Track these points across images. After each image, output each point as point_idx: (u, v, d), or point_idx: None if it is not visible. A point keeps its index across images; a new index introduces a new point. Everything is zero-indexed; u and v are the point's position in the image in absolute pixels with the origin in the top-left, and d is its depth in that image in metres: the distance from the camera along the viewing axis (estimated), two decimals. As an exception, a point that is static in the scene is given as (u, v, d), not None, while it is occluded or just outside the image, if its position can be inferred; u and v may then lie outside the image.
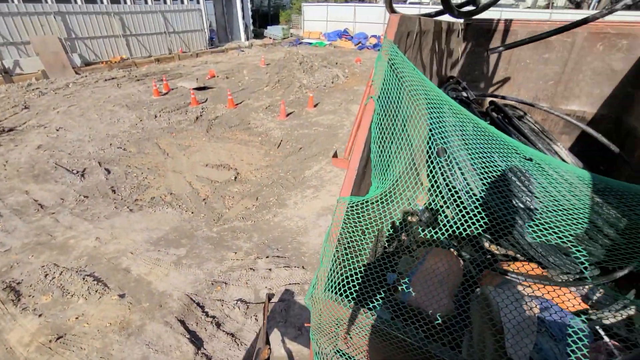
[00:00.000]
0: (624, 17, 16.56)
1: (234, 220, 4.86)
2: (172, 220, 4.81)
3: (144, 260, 4.04)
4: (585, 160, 3.44)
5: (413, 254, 2.77)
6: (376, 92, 1.39)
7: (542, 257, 2.34)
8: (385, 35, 1.47)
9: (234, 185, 5.74)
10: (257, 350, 1.23)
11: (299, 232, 4.63)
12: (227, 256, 4.15)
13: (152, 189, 5.59)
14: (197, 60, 16.60)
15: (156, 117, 8.65)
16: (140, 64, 14.90)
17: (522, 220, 2.25)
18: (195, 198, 5.33)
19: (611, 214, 2.24)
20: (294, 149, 7.20)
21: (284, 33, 23.99)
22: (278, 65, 12.66)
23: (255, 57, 17.38)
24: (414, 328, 2.11)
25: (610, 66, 3.71)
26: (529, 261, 2.38)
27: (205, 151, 6.98)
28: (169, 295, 3.55)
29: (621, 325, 2.02)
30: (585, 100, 3.95)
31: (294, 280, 3.76)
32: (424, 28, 2.36)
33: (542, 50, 3.99)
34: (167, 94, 10.74)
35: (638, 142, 3.27)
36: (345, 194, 1.38)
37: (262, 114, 9.14)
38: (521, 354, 1.49)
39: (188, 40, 17.82)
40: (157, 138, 7.49)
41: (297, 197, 5.46)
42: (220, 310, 3.40)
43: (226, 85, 11.72)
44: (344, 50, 20.13)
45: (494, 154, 2.03)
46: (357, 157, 1.37)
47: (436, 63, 3.22)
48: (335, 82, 12.15)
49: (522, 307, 1.69)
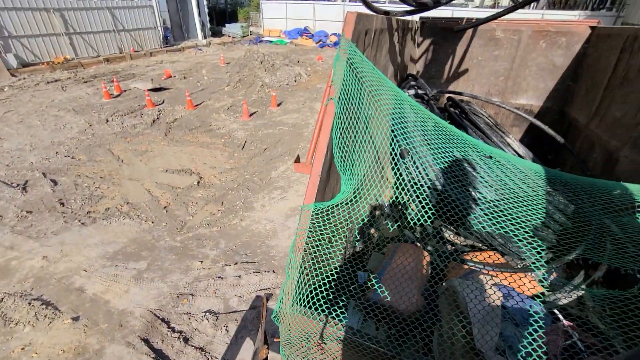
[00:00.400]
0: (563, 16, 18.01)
1: (199, 227, 4.65)
2: (130, 232, 4.51)
3: (99, 277, 3.74)
4: (534, 150, 3.66)
5: (382, 250, 2.80)
6: (336, 93, 1.35)
7: (501, 245, 2.45)
8: (343, 34, 1.45)
9: (197, 191, 5.50)
10: (256, 350, 1.16)
11: (267, 235, 4.53)
12: (193, 266, 3.96)
13: (107, 199, 5.20)
14: (151, 60, 15.74)
15: (108, 122, 8.07)
16: (87, 64, 13.84)
17: (482, 211, 2.34)
18: (155, 206, 5.04)
19: (560, 201, 2.39)
20: (259, 149, 7.05)
21: (243, 31, 23.44)
22: (238, 64, 12.33)
23: (214, 56, 16.82)
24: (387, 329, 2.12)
25: (553, 62, 3.99)
26: (490, 250, 2.49)
27: (164, 156, 6.63)
28: (129, 313, 3.31)
29: (574, 305, 2.17)
30: (532, 94, 4.22)
31: (265, 285, 3.67)
32: (382, 26, 2.37)
33: (492, 48, 4.20)
34: (119, 96, 10.07)
35: (579, 132, 3.54)
36: (309, 201, 1.33)
37: (224, 115, 8.86)
38: (488, 344, 1.54)
39: (140, 38, 16.84)
40: (109, 144, 6.99)
41: (265, 199, 5.35)
42: (188, 324, 3.23)
43: (184, 86, 11.22)
44: (305, 49, 20.06)
45: (454, 149, 2.08)
46: (320, 161, 1.33)
47: (395, 61, 3.27)
48: (297, 80, 12.07)
49: (487, 297, 1.75)
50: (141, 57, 16.09)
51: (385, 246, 2.79)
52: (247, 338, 3.10)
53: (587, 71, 3.70)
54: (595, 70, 3.47)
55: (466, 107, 3.70)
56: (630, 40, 2.90)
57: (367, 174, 1.84)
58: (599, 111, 3.24)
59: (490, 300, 1.78)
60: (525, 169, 2.13)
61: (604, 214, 1.98)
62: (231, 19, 27.56)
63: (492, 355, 1.53)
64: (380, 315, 2.08)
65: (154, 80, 11.61)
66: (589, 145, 3.29)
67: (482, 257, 2.44)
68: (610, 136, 2.96)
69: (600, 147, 3.07)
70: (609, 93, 3.13)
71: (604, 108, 3.17)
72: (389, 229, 2.97)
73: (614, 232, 1.93)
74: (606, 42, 3.37)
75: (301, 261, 1.23)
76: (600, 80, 3.29)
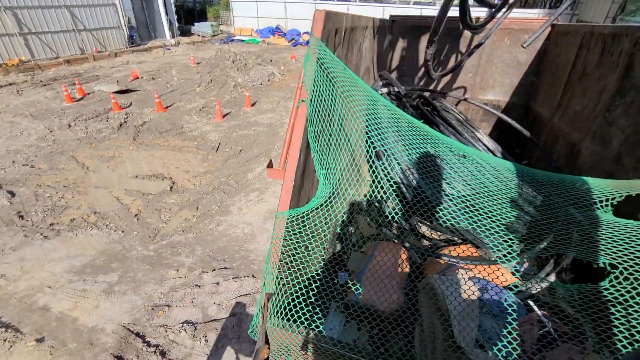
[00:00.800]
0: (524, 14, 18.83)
1: (173, 234, 4.48)
2: (98, 243, 4.27)
3: (66, 293, 3.52)
4: (502, 144, 3.79)
5: (362, 249, 2.80)
6: (307, 95, 1.32)
7: (474, 238, 2.51)
8: (312, 33, 1.41)
9: (170, 196, 5.29)
10: (257, 349, 1.10)
11: (245, 239, 4.43)
12: (168, 275, 3.81)
13: (71, 209, 4.90)
14: (116, 61, 15.03)
15: (70, 127, 7.62)
16: (45, 66, 13.00)
17: (456, 205, 2.39)
18: (125, 215, 4.80)
19: (529, 193, 2.47)
20: (234, 151, 6.89)
21: (213, 30, 22.87)
22: (209, 64, 12.01)
23: (184, 56, 16.30)
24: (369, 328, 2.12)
25: (517, 58, 4.14)
26: (465, 244, 2.54)
27: (133, 161, 6.34)
28: (100, 330, 3.13)
29: (545, 293, 2.25)
30: (499, 90, 4.36)
31: (245, 291, 3.58)
32: (353, 24, 2.35)
33: (460, 45, 4.30)
34: (83, 99, 9.54)
35: (544, 125, 3.69)
36: (283, 208, 1.29)
37: (196, 117, 8.60)
38: (468, 338, 1.56)
39: (103, 38, 16.02)
40: (73, 150, 6.60)
41: (241, 202, 5.23)
42: (164, 336, 3.10)
43: (153, 87, 10.79)
44: (278, 47, 19.87)
45: (428, 147, 2.10)
46: (293, 166, 1.29)
47: (367, 59, 3.27)
48: (271, 79, 11.92)
49: (464, 292, 1.78)
50: (105, 58, 15.33)
51: (365, 245, 2.79)
52: (228, 347, 3.02)
53: (548, 67, 3.86)
54: (556, 66, 3.63)
55: (437, 104, 3.77)
56: (587, 37, 3.05)
57: (344, 174, 1.82)
58: (561, 105, 3.39)
59: (468, 294, 1.81)
60: (495, 165, 2.18)
61: (569, 204, 2.06)
62: (200, 18, 26.81)
63: (472, 349, 1.55)
64: (362, 315, 2.07)
65: (119, 82, 11.09)
66: (553, 138, 3.44)
67: (458, 251, 2.50)
68: (571, 129, 3.11)
69: (564, 139, 3.22)
70: (569, 88, 3.28)
71: (565, 102, 3.33)
72: (368, 227, 2.97)
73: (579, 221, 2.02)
74: (565, 39, 3.53)
75: (277, 272, 1.19)
76: (561, 76, 3.45)
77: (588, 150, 2.77)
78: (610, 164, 2.43)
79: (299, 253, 1.38)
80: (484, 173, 2.20)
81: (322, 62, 1.36)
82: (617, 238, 1.46)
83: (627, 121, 2.35)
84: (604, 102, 2.65)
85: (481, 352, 1.60)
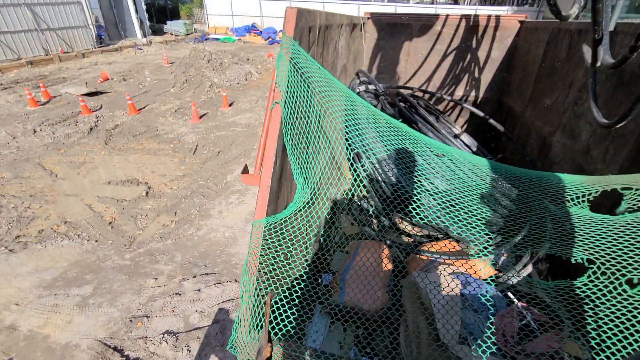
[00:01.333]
0: (493, 11, 19.39)
1: (151, 241, 4.32)
2: (70, 254, 4.06)
3: (35, 310, 3.32)
4: (478, 138, 3.88)
5: (345, 249, 2.78)
6: (281, 96, 1.27)
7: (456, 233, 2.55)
8: (284, 32, 1.36)
9: (146, 202, 5.11)
10: (259, 349, 1.05)
11: (227, 243, 4.33)
12: (146, 284, 3.67)
13: (39, 219, 4.64)
14: (84, 62, 14.36)
15: (36, 132, 7.21)
16: (5, 68, 12.25)
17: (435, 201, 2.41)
18: (98, 223, 4.59)
19: (505, 186, 2.53)
20: (212, 153, 6.73)
21: (186, 28, 22.27)
22: (184, 64, 11.68)
23: (157, 56, 15.79)
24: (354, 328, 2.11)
25: (489, 54, 4.23)
26: (446, 239, 2.57)
27: (106, 166, 6.07)
28: (75, 347, 2.98)
29: (523, 283, 2.31)
30: (473, 85, 4.45)
31: (228, 296, 3.50)
32: (327, 22, 2.32)
33: (435, 42, 4.35)
34: (48, 102, 9.05)
35: (516, 119, 3.80)
36: (260, 216, 1.24)
37: (172, 118, 8.34)
38: (451, 334, 1.57)
39: (69, 38, 15.27)
40: (39, 157, 6.25)
41: (222, 205, 5.11)
42: (144, 349, 2.98)
43: (124, 89, 10.38)
44: (254, 46, 19.59)
45: (406, 145, 2.11)
46: (269, 171, 1.24)
47: (343, 58, 3.26)
48: (248, 79, 11.74)
49: (446, 287, 1.79)
50: (72, 58, 14.62)
51: (347, 244, 2.78)
52: (212, 355, 2.94)
53: (519, 62, 3.98)
54: (526, 62, 3.74)
55: (415, 101, 3.80)
56: (555, 33, 3.15)
57: (324, 174, 1.79)
58: (532, 99, 3.50)
59: (450, 289, 1.82)
60: (473, 164, 2.21)
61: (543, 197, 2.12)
62: (173, 16, 26.04)
63: (456, 345, 1.56)
64: (347, 316, 2.06)
65: (88, 83, 10.61)
66: (526, 132, 3.55)
67: (439, 246, 2.53)
68: (543, 123, 3.21)
69: (536, 133, 3.32)
70: (540, 83, 3.39)
71: (536, 97, 3.43)
72: (351, 226, 2.96)
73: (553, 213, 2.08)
74: (534, 35, 3.64)
75: (256, 283, 1.14)
76: (531, 71, 3.55)
77: (559, 143, 2.86)
78: (580, 156, 2.52)
79: (279, 262, 1.34)
80: (461, 168, 2.22)
81: (295, 62, 1.32)
82: (594, 233, 1.50)
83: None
84: (572, 96, 2.75)
85: (464, 347, 1.62)
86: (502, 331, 1.70)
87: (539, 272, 2.48)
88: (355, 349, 2.05)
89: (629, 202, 1.73)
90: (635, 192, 1.70)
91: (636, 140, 2.04)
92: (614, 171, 2.18)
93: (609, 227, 1.48)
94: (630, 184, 1.72)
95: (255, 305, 1.11)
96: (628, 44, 2.20)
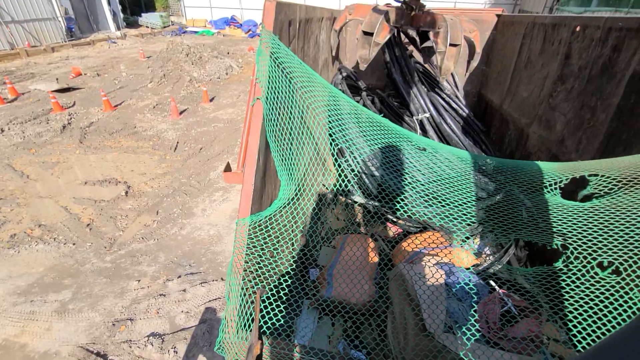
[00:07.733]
0: (471, 5, 19.68)
1: (132, 242, 4.20)
2: (46, 259, 3.90)
3: (10, 318, 3.18)
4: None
5: (331, 243, 2.80)
6: (262, 92, 1.25)
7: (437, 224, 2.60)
8: (263, 25, 1.33)
9: (126, 202, 4.95)
10: (250, 346, 1.04)
11: (212, 241, 4.27)
12: (129, 287, 3.58)
13: (11, 224, 4.43)
14: (54, 56, 13.69)
15: (3, 132, 6.85)
16: (-33, 64, 11.54)
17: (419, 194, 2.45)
18: (75, 225, 4.43)
19: (482, 180, 2.59)
20: (194, 150, 6.58)
21: (163, 21, 21.56)
22: (161, 58, 11.32)
23: (132, 50, 15.23)
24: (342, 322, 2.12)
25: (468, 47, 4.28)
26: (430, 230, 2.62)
27: (82, 166, 5.84)
28: (55, 354, 2.88)
29: (504, 270, 2.39)
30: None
31: (214, 295, 3.46)
32: (307, 16, 2.29)
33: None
34: (16, 100, 8.60)
35: (495, 112, 3.89)
36: (244, 214, 1.22)
37: (150, 115, 8.09)
38: (437, 323, 1.61)
39: (37, 31, 14.50)
40: (8, 158, 5.94)
41: (205, 202, 5.02)
42: (129, 352, 2.91)
43: (99, 84, 9.98)
44: (234, 39, 19.19)
45: (389, 139, 2.12)
46: (252, 169, 1.22)
47: (324, 52, 3.23)
48: (229, 73, 11.51)
49: (431, 278, 1.83)
50: (40, 53, 13.90)
51: (334, 238, 2.79)
52: (200, 355, 2.90)
53: (497, 56, 4.06)
54: (504, 55, 3.82)
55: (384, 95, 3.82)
56: (530, 26, 3.23)
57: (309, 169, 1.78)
58: (510, 92, 3.58)
59: (434, 280, 1.86)
60: (452, 156, 2.25)
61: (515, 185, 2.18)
62: (148, 8, 25.13)
63: (442, 334, 1.60)
64: (336, 310, 2.08)
65: (59, 79, 10.12)
66: (504, 124, 3.64)
67: (423, 237, 2.57)
68: (520, 114, 3.29)
69: (514, 124, 3.41)
70: (517, 75, 3.47)
71: (513, 89, 3.52)
72: (337, 220, 2.97)
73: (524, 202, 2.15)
74: (510, 29, 3.71)
75: (242, 282, 1.12)
76: (509, 64, 3.64)
77: (535, 134, 2.95)
78: (556, 146, 2.61)
79: (266, 259, 1.32)
80: (442, 161, 2.26)
81: (276, 57, 1.29)
82: (567, 220, 1.56)
83: (568, 106, 2.53)
84: (547, 88, 2.83)
85: (449, 335, 1.66)
86: (485, 318, 1.75)
87: (518, 259, 2.57)
88: (344, 342, 2.07)
89: (595, 187, 1.80)
90: (600, 178, 1.77)
91: (607, 131, 2.12)
92: (587, 160, 2.27)
93: (579, 213, 1.54)
94: (597, 170, 1.80)
95: (242, 305, 1.10)
96: (599, 37, 2.28)
